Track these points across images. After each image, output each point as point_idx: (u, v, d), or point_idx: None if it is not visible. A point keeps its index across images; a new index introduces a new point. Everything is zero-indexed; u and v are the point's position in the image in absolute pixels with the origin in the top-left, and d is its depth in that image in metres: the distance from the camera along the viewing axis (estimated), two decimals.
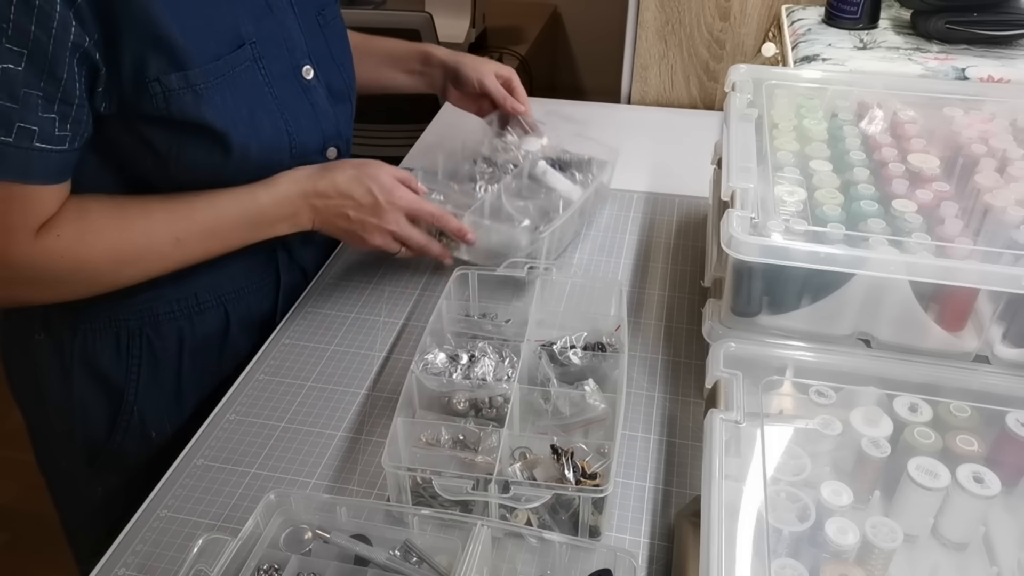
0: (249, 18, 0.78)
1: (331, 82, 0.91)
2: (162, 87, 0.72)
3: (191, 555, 0.59)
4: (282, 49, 0.83)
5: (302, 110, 0.86)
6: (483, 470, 0.66)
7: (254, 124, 0.80)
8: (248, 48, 0.78)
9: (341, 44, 0.94)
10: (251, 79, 0.79)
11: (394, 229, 0.87)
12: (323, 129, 0.89)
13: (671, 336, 0.90)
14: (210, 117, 0.75)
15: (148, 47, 0.70)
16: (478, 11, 2.41)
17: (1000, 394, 0.62)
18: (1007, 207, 0.70)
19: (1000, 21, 1.10)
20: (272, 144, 0.83)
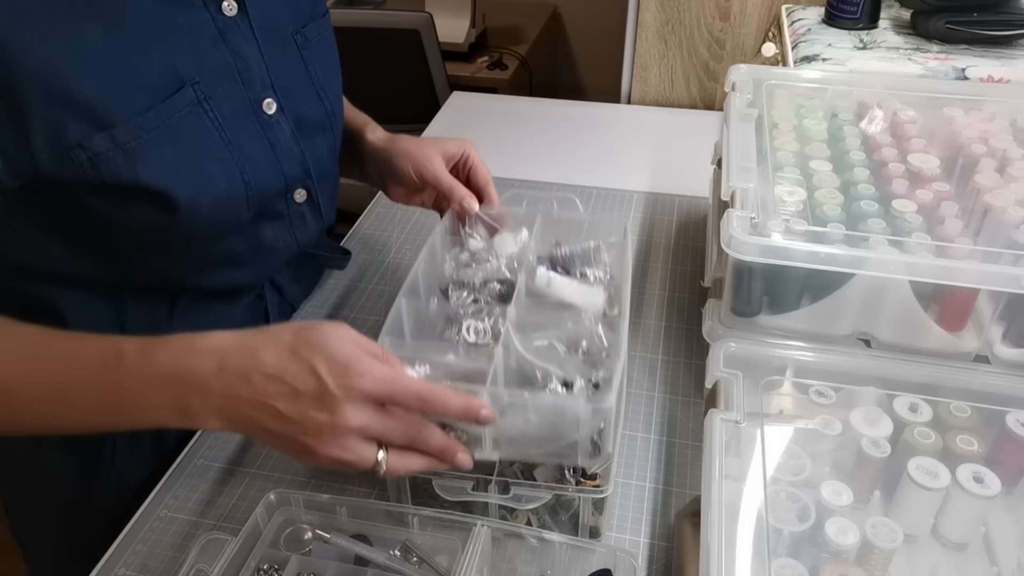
0: (190, 54, 0.66)
1: (304, 112, 0.78)
2: (87, 153, 0.61)
3: (191, 555, 0.59)
4: (236, 84, 0.70)
5: (260, 151, 0.73)
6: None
7: (202, 177, 0.68)
8: (189, 90, 0.66)
9: (326, 66, 0.81)
10: (195, 125, 0.67)
11: (357, 425, 0.54)
12: (284, 171, 0.76)
13: (671, 336, 0.90)
14: (148, 178, 0.64)
15: (61, 110, 0.60)
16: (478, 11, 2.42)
17: (1000, 394, 0.62)
18: (1007, 207, 0.70)
19: (1000, 21, 1.10)
20: (227, 196, 0.70)
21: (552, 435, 0.60)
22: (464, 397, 0.57)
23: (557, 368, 0.65)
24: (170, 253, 0.72)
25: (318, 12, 0.81)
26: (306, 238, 0.83)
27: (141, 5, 0.63)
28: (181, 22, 0.66)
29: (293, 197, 0.79)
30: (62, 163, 0.61)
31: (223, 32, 0.69)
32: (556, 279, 0.75)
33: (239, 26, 0.70)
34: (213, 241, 0.73)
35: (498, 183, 0.84)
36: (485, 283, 0.76)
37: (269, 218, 0.77)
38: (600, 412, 0.59)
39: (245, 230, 0.75)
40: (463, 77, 2.34)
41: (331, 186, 0.85)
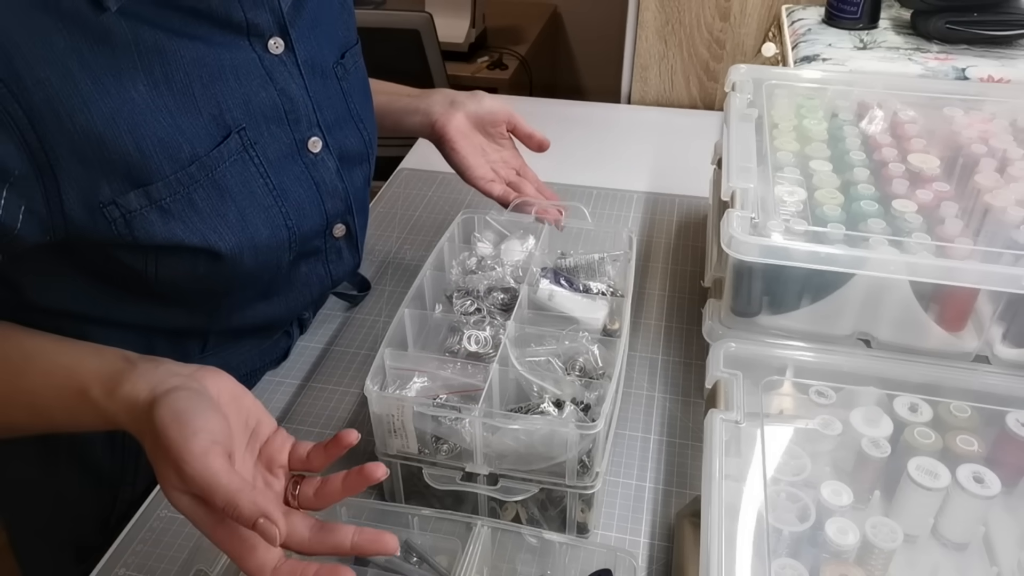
0: (237, 98, 0.64)
1: (346, 146, 0.76)
2: (120, 210, 0.59)
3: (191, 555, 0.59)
4: (282, 125, 0.68)
5: (305, 193, 0.71)
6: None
7: (245, 228, 0.65)
8: (236, 137, 0.64)
9: (362, 94, 0.80)
10: (240, 174, 0.65)
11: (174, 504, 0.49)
12: (327, 209, 0.74)
13: (671, 336, 0.90)
14: (184, 234, 0.62)
15: (97, 170, 0.57)
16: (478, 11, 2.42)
17: (1000, 394, 0.62)
18: (1007, 207, 0.70)
19: (1000, 21, 1.10)
20: (269, 244, 0.68)
21: (542, 454, 0.62)
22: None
23: (552, 385, 0.67)
24: (206, 301, 0.71)
25: (352, 40, 0.80)
26: (340, 273, 0.82)
27: (188, 52, 0.60)
28: (227, 64, 0.63)
29: (332, 232, 0.77)
30: (95, 220, 0.59)
31: (270, 72, 0.66)
32: (558, 293, 0.76)
33: (285, 64, 0.68)
34: (251, 286, 0.72)
35: None
36: (489, 291, 0.77)
37: (306, 256, 0.76)
38: (588, 436, 0.61)
39: (284, 271, 0.74)
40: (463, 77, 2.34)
41: (365, 217, 0.84)
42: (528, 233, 0.83)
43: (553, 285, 0.76)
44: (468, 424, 0.62)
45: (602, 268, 0.82)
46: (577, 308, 0.75)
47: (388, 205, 1.16)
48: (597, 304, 0.76)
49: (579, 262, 0.82)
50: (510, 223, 0.84)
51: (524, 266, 0.79)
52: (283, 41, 0.67)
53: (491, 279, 0.78)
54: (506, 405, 0.68)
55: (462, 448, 0.64)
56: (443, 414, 0.63)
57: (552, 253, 0.84)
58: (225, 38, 0.63)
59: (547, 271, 0.79)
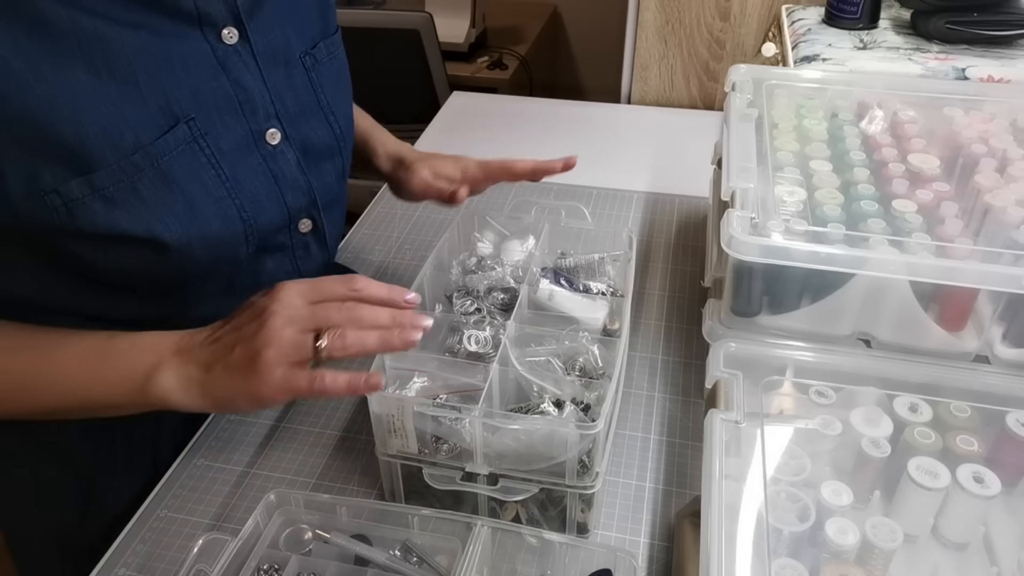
0: (186, 88, 0.62)
1: (311, 138, 0.74)
2: (62, 199, 0.58)
3: (191, 555, 0.59)
4: (236, 116, 0.67)
5: (262, 185, 0.70)
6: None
7: (194, 219, 0.64)
8: (184, 127, 0.62)
9: (336, 86, 0.77)
10: (188, 164, 0.63)
11: (285, 314, 0.58)
12: (287, 203, 0.72)
13: (671, 336, 0.90)
14: (127, 224, 0.61)
15: (37, 156, 0.56)
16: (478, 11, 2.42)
17: (1000, 394, 0.62)
18: (1007, 207, 0.70)
19: (1000, 21, 1.10)
20: (222, 236, 0.67)
21: (542, 454, 0.62)
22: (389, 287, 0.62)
23: (552, 385, 0.67)
24: (162, 292, 0.69)
25: (329, 30, 0.77)
26: (310, 269, 0.80)
27: (131, 40, 0.59)
28: (175, 54, 0.61)
29: (298, 228, 0.76)
30: (36, 208, 0.58)
31: (223, 62, 0.65)
32: (558, 293, 0.76)
33: (240, 54, 0.66)
34: (209, 279, 0.70)
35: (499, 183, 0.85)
36: (489, 291, 0.77)
37: (271, 251, 0.75)
38: (588, 436, 0.61)
39: (245, 265, 0.72)
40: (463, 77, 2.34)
41: (339, 212, 0.82)
42: (528, 233, 0.83)
43: (553, 285, 0.76)
44: (468, 424, 0.62)
45: (602, 268, 0.82)
46: (577, 308, 0.75)
47: (388, 205, 1.16)
48: (597, 304, 0.76)
49: (579, 262, 0.82)
50: (510, 223, 0.84)
51: (524, 266, 0.79)
52: (237, 31, 0.66)
53: (491, 279, 0.78)
54: (506, 405, 0.68)
55: (462, 448, 0.64)
56: (443, 414, 0.63)
57: (552, 253, 0.84)
58: (173, 27, 0.61)
59: (547, 271, 0.79)
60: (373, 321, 0.60)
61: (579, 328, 0.73)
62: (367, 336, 0.60)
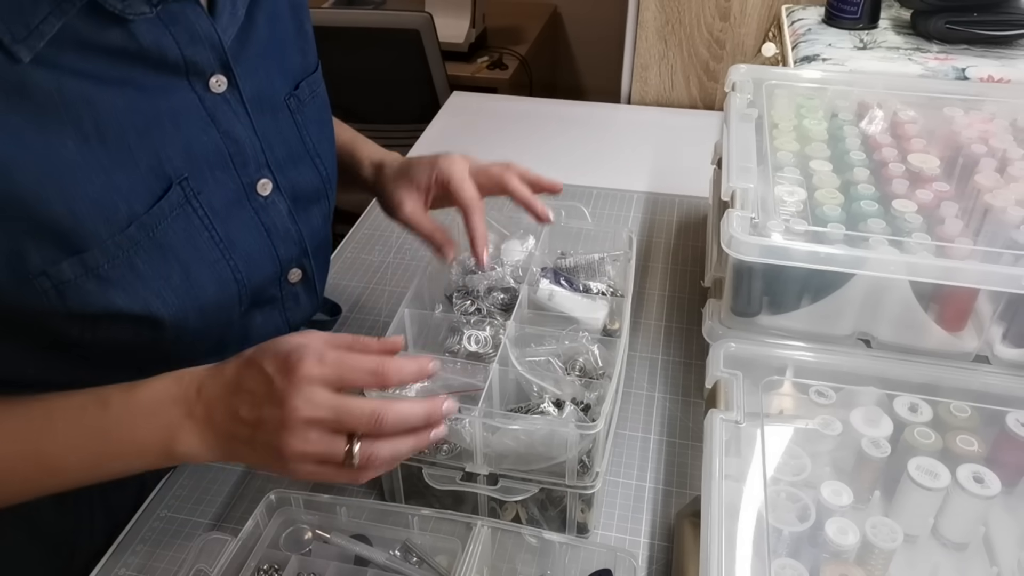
0: (178, 146, 0.58)
1: (300, 184, 0.70)
2: (52, 281, 0.54)
3: (191, 555, 0.59)
4: (227, 171, 0.63)
5: (254, 240, 0.66)
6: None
7: (190, 287, 0.60)
8: (177, 189, 0.58)
9: (319, 126, 0.73)
10: (183, 229, 0.59)
11: (308, 414, 0.52)
12: (279, 255, 0.68)
13: (671, 336, 0.90)
14: (124, 303, 0.57)
15: (24, 236, 0.52)
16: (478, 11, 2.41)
17: (1000, 394, 0.62)
18: (1007, 207, 0.70)
19: (1000, 21, 1.10)
20: (218, 302, 0.63)
21: (542, 454, 0.62)
22: (415, 361, 0.57)
23: (552, 385, 0.67)
24: (150, 364, 0.62)
25: (309, 67, 0.73)
26: (298, 319, 0.76)
27: (119, 99, 0.54)
28: (164, 109, 0.57)
29: (287, 278, 0.72)
30: (23, 291, 0.54)
31: (212, 113, 0.61)
32: (558, 293, 0.75)
33: (229, 103, 0.62)
34: (198, 344, 0.66)
35: None
36: (489, 291, 0.77)
37: (260, 305, 0.71)
38: (588, 436, 0.61)
39: (235, 324, 0.68)
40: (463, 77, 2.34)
41: (325, 256, 0.79)
42: (528, 233, 0.83)
43: (553, 285, 0.76)
44: (468, 424, 0.62)
45: (602, 268, 0.81)
46: (577, 308, 0.75)
47: None
48: (597, 304, 0.76)
49: (579, 262, 0.82)
50: (510, 223, 0.84)
51: (524, 266, 0.79)
52: (226, 78, 0.61)
53: (491, 279, 0.77)
54: (506, 405, 0.68)
55: (462, 448, 0.64)
56: None
57: (552, 253, 0.84)
58: (160, 80, 0.57)
59: (547, 271, 0.79)
60: (405, 423, 0.55)
61: (579, 328, 0.73)
62: (401, 446, 0.55)
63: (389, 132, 1.90)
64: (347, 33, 1.95)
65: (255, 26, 0.65)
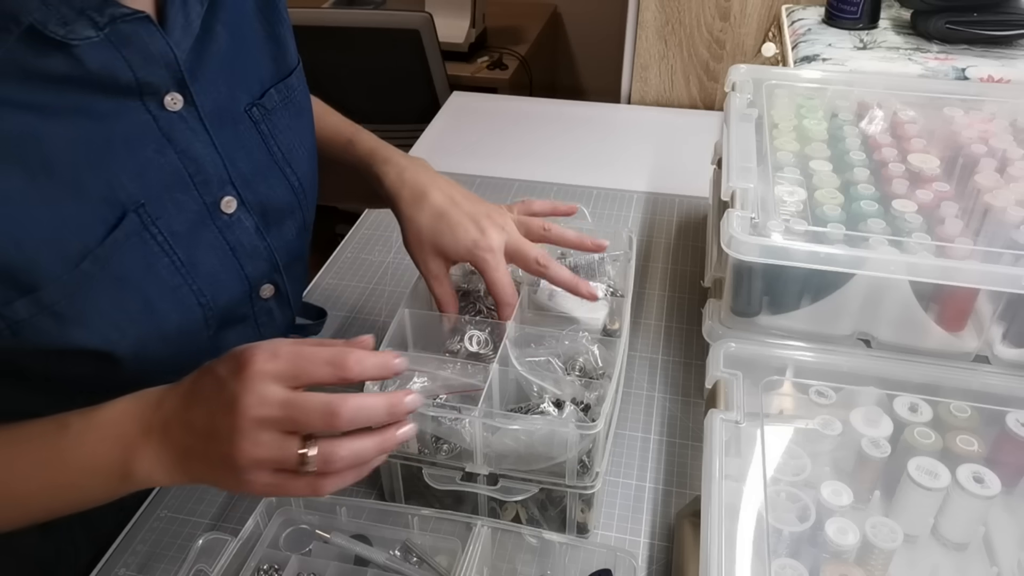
0: (131, 172, 0.55)
1: (270, 198, 0.67)
2: (6, 321, 0.52)
3: (191, 555, 0.59)
4: (189, 191, 0.60)
5: (219, 261, 0.63)
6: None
7: (152, 317, 0.58)
8: (134, 217, 0.56)
9: (292, 134, 0.69)
10: (141, 258, 0.57)
11: (259, 414, 0.48)
12: (247, 274, 0.66)
13: (671, 336, 0.90)
14: (82, 339, 0.55)
15: None
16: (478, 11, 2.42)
17: (1000, 394, 0.62)
18: (1007, 207, 0.70)
19: (1000, 21, 1.10)
20: (182, 328, 0.61)
21: (542, 454, 0.62)
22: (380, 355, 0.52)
23: (552, 386, 0.67)
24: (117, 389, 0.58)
25: (283, 72, 0.69)
26: (273, 334, 0.73)
27: (67, 131, 0.52)
28: (116, 135, 0.55)
29: (259, 295, 0.69)
30: None
31: (168, 133, 0.58)
32: (558, 293, 0.75)
33: (186, 120, 0.59)
34: (167, 370, 0.60)
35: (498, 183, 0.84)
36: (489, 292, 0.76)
37: (232, 324, 0.68)
38: (588, 436, 0.61)
39: (206, 345, 0.65)
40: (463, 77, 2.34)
41: (300, 267, 0.76)
42: None
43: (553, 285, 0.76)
44: (468, 424, 0.62)
45: (602, 268, 0.81)
46: (577, 308, 0.75)
47: None
48: (597, 304, 0.75)
49: (579, 262, 0.82)
50: None
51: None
52: (182, 96, 0.58)
53: None
54: (506, 405, 0.68)
55: (462, 448, 0.64)
56: (443, 414, 0.63)
57: (552, 253, 0.83)
58: (111, 104, 0.54)
59: None
60: (364, 416, 0.50)
61: (579, 328, 0.73)
62: (362, 445, 0.51)
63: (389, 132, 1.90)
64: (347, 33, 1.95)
65: (213, 36, 0.61)
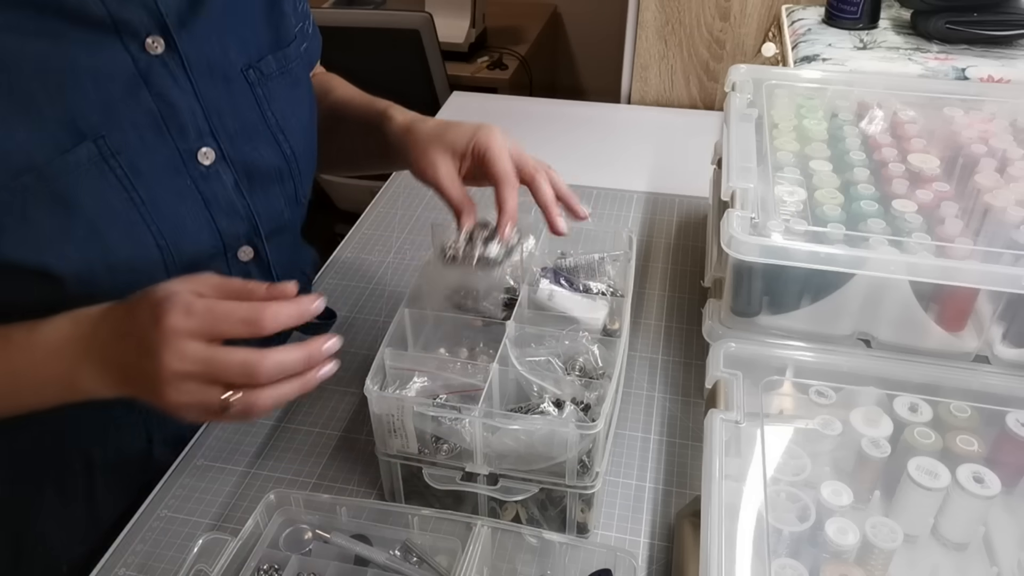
0: (95, 104, 0.57)
1: (255, 160, 0.68)
2: None
3: (191, 555, 0.59)
4: (160, 135, 0.61)
5: (188, 210, 0.64)
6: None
7: (98, 244, 0.59)
8: (91, 146, 0.57)
9: (288, 104, 0.71)
10: (94, 185, 0.58)
11: (178, 369, 0.51)
12: (220, 229, 0.67)
13: (671, 336, 0.90)
14: (17, 255, 0.56)
15: None
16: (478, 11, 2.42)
17: (1000, 394, 0.62)
18: (1007, 207, 0.70)
19: (1000, 21, 1.10)
20: (132, 264, 0.61)
21: (542, 454, 0.62)
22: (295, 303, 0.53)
23: (552, 385, 0.67)
24: None
25: (282, 42, 0.71)
26: None
27: (28, 51, 0.54)
28: (83, 66, 0.57)
29: (236, 256, 0.70)
30: None
31: (145, 74, 0.60)
32: (558, 293, 0.75)
33: (167, 65, 0.61)
34: None
35: None
36: (489, 291, 0.77)
37: None
38: (588, 436, 0.61)
39: None
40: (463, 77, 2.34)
41: (289, 239, 0.77)
42: (528, 233, 0.83)
43: (553, 285, 0.76)
44: (468, 424, 0.62)
45: (602, 268, 0.81)
46: (577, 308, 0.75)
47: (388, 205, 1.16)
48: (597, 304, 0.75)
49: (579, 262, 0.81)
50: None
51: (524, 266, 0.79)
52: (164, 40, 0.60)
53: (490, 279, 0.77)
54: (506, 405, 0.68)
55: (462, 448, 0.64)
56: (443, 414, 0.63)
57: (552, 253, 0.84)
58: (84, 36, 0.56)
59: (547, 271, 0.78)
60: (282, 372, 0.53)
61: (579, 328, 0.73)
62: (283, 390, 0.53)
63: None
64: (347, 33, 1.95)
65: None
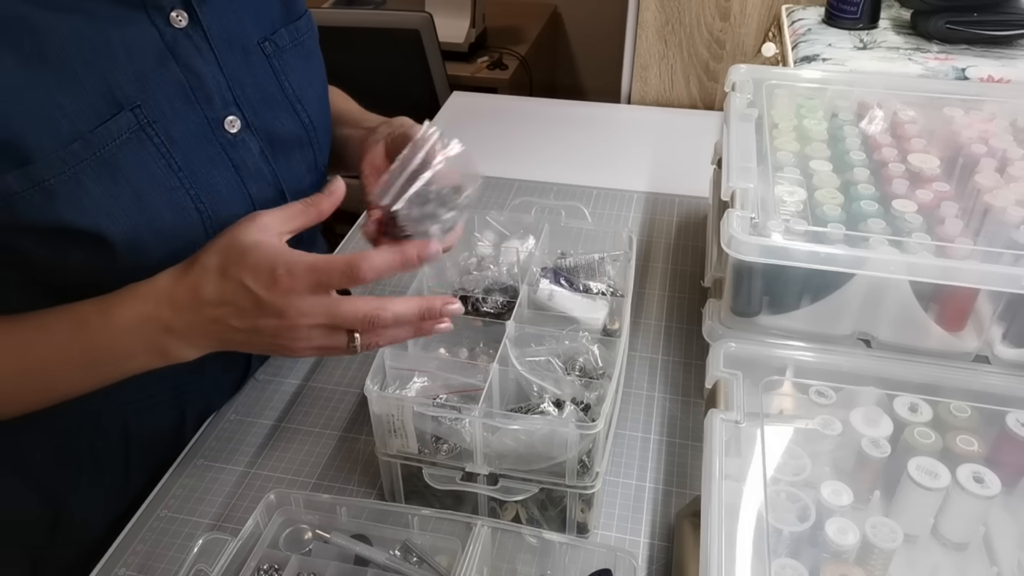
0: (129, 75, 0.60)
1: (276, 128, 0.72)
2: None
3: (191, 555, 0.59)
4: (190, 104, 0.65)
5: (221, 176, 0.67)
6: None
7: (144, 210, 0.62)
8: (129, 115, 0.60)
9: (304, 75, 0.75)
10: (136, 153, 0.61)
11: (306, 322, 0.59)
12: (251, 194, 0.70)
13: (671, 336, 0.90)
14: (71, 217, 0.59)
15: None
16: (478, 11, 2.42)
17: (1000, 394, 0.62)
18: (1007, 207, 0.70)
19: (1000, 21, 1.10)
20: (175, 228, 0.64)
21: (542, 454, 0.62)
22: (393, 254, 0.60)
23: (552, 385, 0.67)
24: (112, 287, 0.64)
25: (292, 15, 0.75)
26: None
27: (64, 26, 0.57)
28: (116, 39, 0.60)
29: None
30: None
31: (172, 47, 0.63)
32: (558, 292, 0.75)
33: (191, 38, 0.64)
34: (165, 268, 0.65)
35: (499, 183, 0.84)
36: (488, 292, 0.77)
37: None
38: (588, 436, 0.61)
39: None
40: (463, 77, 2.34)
41: None
42: (528, 233, 0.83)
43: (553, 285, 0.76)
44: (468, 424, 0.62)
45: (602, 268, 0.81)
46: (577, 308, 0.75)
47: None
48: (597, 304, 0.76)
49: (579, 262, 0.82)
50: (510, 223, 0.84)
51: (524, 266, 0.79)
52: (187, 13, 0.64)
53: (490, 279, 0.78)
54: (506, 405, 0.68)
55: (462, 448, 0.64)
56: (443, 414, 0.63)
57: (552, 253, 0.84)
58: (114, 11, 0.60)
59: (547, 271, 0.79)
60: (400, 321, 0.61)
61: (579, 328, 0.73)
62: (400, 334, 0.63)
63: None
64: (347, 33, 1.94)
65: None
